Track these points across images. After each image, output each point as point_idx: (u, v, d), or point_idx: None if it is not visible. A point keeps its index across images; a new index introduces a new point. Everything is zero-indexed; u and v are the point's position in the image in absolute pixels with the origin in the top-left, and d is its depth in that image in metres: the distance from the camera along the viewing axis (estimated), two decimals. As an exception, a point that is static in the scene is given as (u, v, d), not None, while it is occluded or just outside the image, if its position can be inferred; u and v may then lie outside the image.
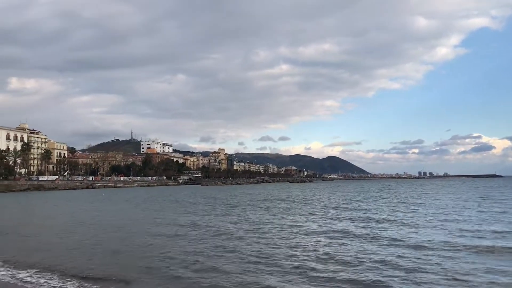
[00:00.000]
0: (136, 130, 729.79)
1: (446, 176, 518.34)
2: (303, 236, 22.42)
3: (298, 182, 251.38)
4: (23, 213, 42.56)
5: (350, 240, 20.49)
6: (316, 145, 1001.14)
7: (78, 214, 39.45)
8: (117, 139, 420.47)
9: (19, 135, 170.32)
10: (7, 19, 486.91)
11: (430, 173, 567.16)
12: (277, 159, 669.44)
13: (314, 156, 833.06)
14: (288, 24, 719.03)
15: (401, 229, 24.72)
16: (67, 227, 28.23)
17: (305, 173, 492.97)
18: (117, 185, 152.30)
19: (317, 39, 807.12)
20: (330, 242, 20.04)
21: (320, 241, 20.39)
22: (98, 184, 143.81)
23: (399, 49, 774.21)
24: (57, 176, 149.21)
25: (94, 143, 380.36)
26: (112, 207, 49.12)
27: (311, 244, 19.39)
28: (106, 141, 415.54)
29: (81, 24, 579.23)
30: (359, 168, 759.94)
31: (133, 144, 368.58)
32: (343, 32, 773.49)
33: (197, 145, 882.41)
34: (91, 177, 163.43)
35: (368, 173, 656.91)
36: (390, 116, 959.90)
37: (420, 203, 47.56)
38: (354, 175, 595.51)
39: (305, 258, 16.17)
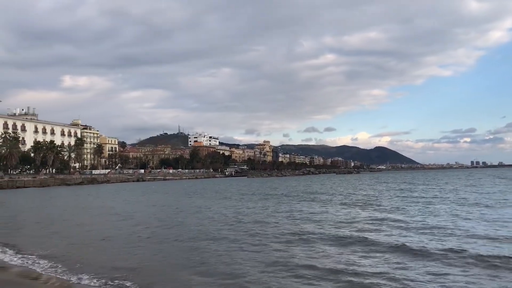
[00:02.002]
0: (184, 123, 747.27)
1: (501, 165, 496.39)
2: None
3: (345, 174, 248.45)
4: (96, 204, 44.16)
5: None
6: (363, 135, 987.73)
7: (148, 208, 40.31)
8: (166, 133, 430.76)
9: (72, 131, 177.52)
10: (59, 19, 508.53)
11: (484, 163, 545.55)
12: (323, 150, 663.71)
13: (361, 146, 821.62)
14: (332, 13, 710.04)
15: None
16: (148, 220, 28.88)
17: (352, 164, 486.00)
18: (166, 177, 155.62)
19: (363, 27, 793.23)
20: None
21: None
22: (148, 177, 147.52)
23: (449, 35, 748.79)
24: (109, 170, 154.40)
25: (143, 137, 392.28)
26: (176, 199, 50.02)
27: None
28: (155, 135, 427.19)
29: (128, 21, 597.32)
30: (408, 158, 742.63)
31: (181, 138, 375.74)
32: (390, 19, 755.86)
33: (242, 138, 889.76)
34: (141, 170, 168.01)
35: (418, 163, 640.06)
36: (441, 104, 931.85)
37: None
38: (403, 165, 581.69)
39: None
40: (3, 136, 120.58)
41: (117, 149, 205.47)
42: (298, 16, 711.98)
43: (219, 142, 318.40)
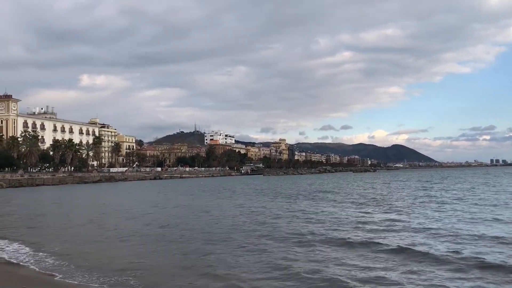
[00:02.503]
0: (200, 122, 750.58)
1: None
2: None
3: (361, 172, 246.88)
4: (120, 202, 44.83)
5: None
6: (379, 133, 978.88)
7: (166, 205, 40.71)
8: (182, 131, 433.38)
9: (90, 129, 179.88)
10: (77, 19, 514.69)
11: (504, 161, 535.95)
12: (339, 148, 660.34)
13: (378, 144, 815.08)
14: (348, 10, 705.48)
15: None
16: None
17: (369, 162, 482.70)
18: (183, 175, 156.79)
19: (379, 24, 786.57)
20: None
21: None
22: (165, 175, 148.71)
23: (468, 31, 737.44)
24: (126, 168, 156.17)
25: (160, 135, 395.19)
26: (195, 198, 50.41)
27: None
28: (171, 133, 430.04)
29: (145, 20, 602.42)
30: (426, 156, 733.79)
31: (197, 136, 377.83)
32: (407, 16, 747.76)
33: (258, 136, 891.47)
34: (158, 168, 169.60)
35: (436, 161, 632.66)
36: (459, 102, 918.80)
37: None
38: (420, 163, 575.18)
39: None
40: (23, 134, 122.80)
41: (134, 147, 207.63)
42: (314, 13, 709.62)
43: (235, 140, 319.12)
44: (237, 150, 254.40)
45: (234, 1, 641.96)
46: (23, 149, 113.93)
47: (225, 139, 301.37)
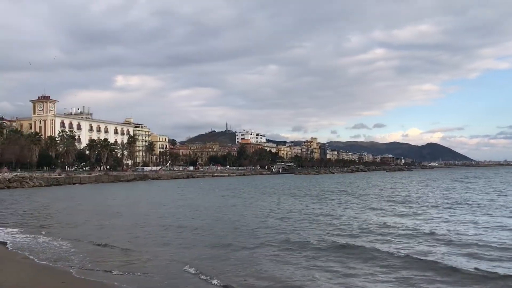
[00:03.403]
0: (231, 121, 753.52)
1: None
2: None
3: (395, 171, 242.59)
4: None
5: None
6: (414, 131, 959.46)
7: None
8: (214, 131, 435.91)
9: (125, 129, 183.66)
10: (111, 20, 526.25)
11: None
12: (372, 147, 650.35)
13: (412, 143, 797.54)
14: (381, 7, 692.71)
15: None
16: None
17: (403, 161, 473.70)
18: (215, 174, 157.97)
19: (413, 20, 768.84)
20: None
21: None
22: (198, 174, 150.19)
23: (506, 26, 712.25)
24: (160, 167, 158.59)
25: (192, 134, 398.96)
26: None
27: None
28: (203, 132, 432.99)
29: (178, 20, 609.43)
30: (462, 155, 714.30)
31: (228, 135, 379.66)
32: (442, 11, 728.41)
33: (289, 135, 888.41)
34: (191, 167, 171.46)
35: (472, 160, 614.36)
36: (497, 98, 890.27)
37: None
38: (456, 162, 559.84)
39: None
40: (60, 134, 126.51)
41: (167, 146, 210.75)
42: (345, 11, 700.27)
43: (266, 139, 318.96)
44: (268, 149, 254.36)
45: (263, 0, 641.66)
46: (61, 149, 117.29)
47: (256, 138, 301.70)
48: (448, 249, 15.16)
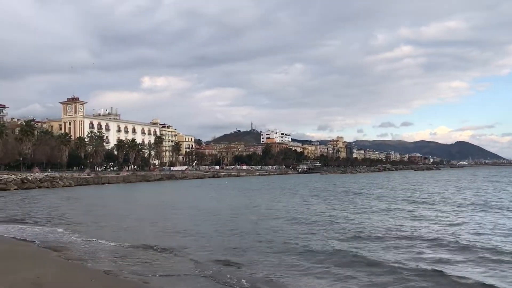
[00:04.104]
0: (256, 120, 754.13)
1: None
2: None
3: (423, 170, 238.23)
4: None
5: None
6: (442, 130, 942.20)
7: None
8: (239, 130, 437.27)
9: (152, 129, 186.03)
10: (138, 22, 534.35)
11: None
12: (399, 146, 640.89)
13: (441, 141, 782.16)
14: (408, 3, 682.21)
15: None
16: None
17: (431, 160, 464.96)
18: (240, 174, 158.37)
19: (442, 17, 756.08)
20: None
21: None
22: (223, 174, 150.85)
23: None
24: (186, 167, 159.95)
25: (218, 134, 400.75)
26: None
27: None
28: (228, 132, 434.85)
29: (203, 21, 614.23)
30: (493, 153, 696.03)
31: (253, 135, 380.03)
32: (472, 7, 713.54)
33: (314, 134, 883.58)
34: (216, 167, 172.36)
35: (504, 158, 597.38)
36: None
37: None
38: (487, 161, 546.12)
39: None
40: (89, 135, 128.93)
41: (193, 146, 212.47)
42: (371, 8, 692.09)
43: (291, 139, 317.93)
44: (293, 149, 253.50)
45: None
46: (90, 149, 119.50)
47: (281, 137, 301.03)
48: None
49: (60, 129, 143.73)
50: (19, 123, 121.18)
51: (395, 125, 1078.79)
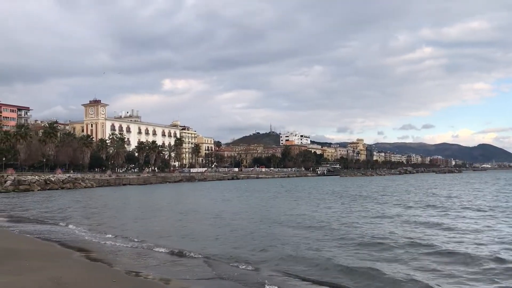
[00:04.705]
0: (275, 123, 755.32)
1: None
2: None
3: (445, 173, 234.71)
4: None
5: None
6: (464, 132, 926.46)
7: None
8: (258, 132, 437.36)
9: (172, 131, 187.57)
10: (159, 25, 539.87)
11: None
12: (421, 148, 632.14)
13: (463, 144, 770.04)
14: (429, 4, 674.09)
15: None
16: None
17: (453, 162, 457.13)
18: (259, 176, 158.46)
19: (464, 17, 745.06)
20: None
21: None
22: (242, 175, 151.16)
23: None
24: (205, 168, 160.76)
25: (237, 136, 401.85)
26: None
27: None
28: (248, 134, 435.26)
29: (222, 24, 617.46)
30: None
31: (272, 137, 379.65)
32: (495, 7, 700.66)
33: (334, 136, 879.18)
34: (235, 169, 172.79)
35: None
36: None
37: None
38: (511, 164, 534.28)
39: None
40: (110, 137, 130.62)
41: (213, 148, 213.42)
42: (392, 9, 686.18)
43: (310, 141, 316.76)
44: (313, 151, 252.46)
45: (308, 1, 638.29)
46: (111, 151, 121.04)
47: (301, 139, 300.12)
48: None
49: (82, 131, 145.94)
50: (42, 125, 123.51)
51: (416, 127, 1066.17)
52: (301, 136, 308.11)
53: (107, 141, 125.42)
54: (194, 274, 12.74)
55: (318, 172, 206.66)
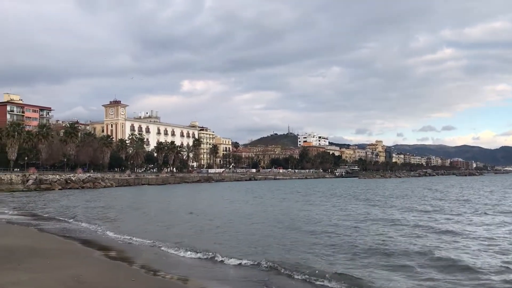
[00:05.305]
0: (293, 124, 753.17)
1: None
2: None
3: (465, 175, 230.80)
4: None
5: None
6: (486, 134, 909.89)
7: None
8: (276, 133, 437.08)
9: (191, 132, 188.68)
10: (178, 27, 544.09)
11: None
12: (441, 150, 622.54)
13: (484, 146, 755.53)
14: (451, 5, 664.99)
15: None
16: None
17: (474, 165, 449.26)
18: (277, 177, 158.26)
19: (486, 18, 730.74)
20: None
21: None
22: (260, 176, 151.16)
23: None
24: (223, 169, 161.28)
25: (255, 137, 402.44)
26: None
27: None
28: (265, 135, 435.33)
29: (240, 25, 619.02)
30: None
31: (290, 138, 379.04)
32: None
33: (352, 138, 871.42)
34: (253, 170, 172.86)
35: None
36: None
37: None
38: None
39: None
40: (130, 137, 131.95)
41: (230, 149, 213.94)
42: (413, 10, 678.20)
43: (328, 142, 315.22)
44: (331, 152, 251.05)
45: (326, 1, 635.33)
46: (131, 151, 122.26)
47: (319, 141, 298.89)
48: None
49: (103, 131, 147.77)
50: (63, 125, 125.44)
51: (436, 129, 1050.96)
52: (319, 137, 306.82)
53: (127, 141, 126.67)
54: (215, 273, 12.81)
55: (336, 173, 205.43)
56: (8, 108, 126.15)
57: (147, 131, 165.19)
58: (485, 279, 11.97)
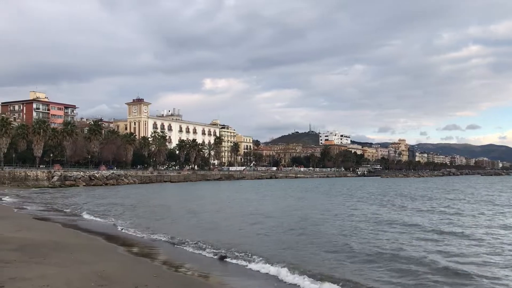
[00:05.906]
0: (314, 122, 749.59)
1: None
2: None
3: (491, 175, 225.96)
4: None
5: None
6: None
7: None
8: (297, 132, 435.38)
9: (212, 130, 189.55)
10: (200, 25, 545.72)
11: None
12: (465, 149, 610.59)
13: (511, 145, 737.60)
14: (476, 1, 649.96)
15: None
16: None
17: (500, 165, 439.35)
18: (298, 175, 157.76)
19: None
20: None
21: None
22: (281, 175, 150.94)
23: None
24: (244, 167, 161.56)
25: (276, 135, 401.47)
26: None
27: None
28: (286, 133, 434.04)
29: (262, 23, 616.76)
30: None
31: (311, 136, 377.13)
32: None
33: (375, 136, 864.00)
34: (274, 168, 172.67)
35: None
36: None
37: None
38: None
39: None
40: (152, 135, 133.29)
41: (251, 147, 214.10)
42: (437, 7, 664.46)
43: (350, 141, 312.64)
44: (353, 151, 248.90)
45: (346, 0, 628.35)
46: (153, 148, 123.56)
47: (341, 139, 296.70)
48: None
49: (126, 129, 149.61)
50: (88, 123, 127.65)
51: (461, 128, 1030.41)
52: (341, 135, 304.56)
53: (149, 139, 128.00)
54: (235, 270, 12.83)
55: (358, 172, 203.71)
56: (34, 105, 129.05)
57: (169, 129, 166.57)
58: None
